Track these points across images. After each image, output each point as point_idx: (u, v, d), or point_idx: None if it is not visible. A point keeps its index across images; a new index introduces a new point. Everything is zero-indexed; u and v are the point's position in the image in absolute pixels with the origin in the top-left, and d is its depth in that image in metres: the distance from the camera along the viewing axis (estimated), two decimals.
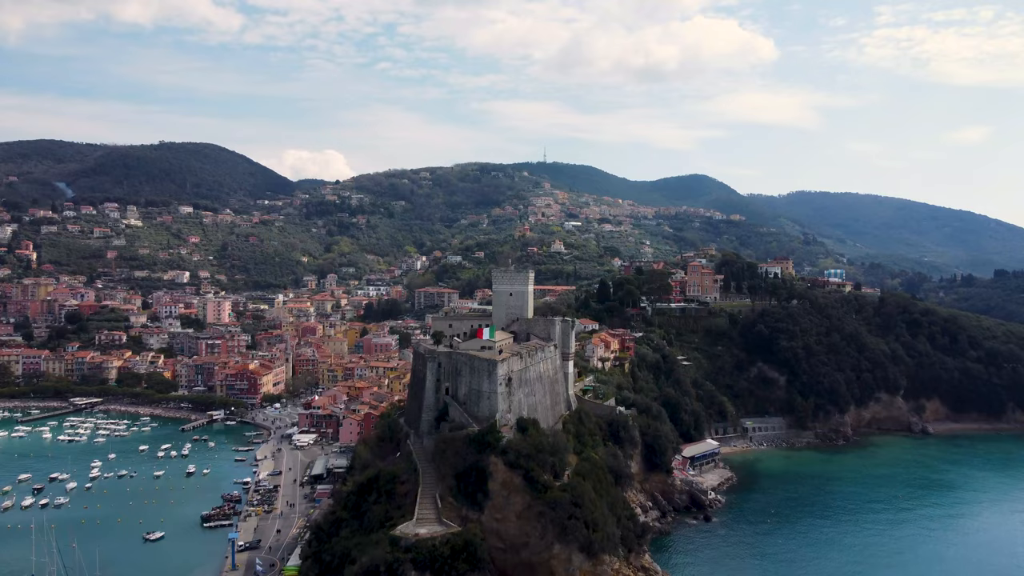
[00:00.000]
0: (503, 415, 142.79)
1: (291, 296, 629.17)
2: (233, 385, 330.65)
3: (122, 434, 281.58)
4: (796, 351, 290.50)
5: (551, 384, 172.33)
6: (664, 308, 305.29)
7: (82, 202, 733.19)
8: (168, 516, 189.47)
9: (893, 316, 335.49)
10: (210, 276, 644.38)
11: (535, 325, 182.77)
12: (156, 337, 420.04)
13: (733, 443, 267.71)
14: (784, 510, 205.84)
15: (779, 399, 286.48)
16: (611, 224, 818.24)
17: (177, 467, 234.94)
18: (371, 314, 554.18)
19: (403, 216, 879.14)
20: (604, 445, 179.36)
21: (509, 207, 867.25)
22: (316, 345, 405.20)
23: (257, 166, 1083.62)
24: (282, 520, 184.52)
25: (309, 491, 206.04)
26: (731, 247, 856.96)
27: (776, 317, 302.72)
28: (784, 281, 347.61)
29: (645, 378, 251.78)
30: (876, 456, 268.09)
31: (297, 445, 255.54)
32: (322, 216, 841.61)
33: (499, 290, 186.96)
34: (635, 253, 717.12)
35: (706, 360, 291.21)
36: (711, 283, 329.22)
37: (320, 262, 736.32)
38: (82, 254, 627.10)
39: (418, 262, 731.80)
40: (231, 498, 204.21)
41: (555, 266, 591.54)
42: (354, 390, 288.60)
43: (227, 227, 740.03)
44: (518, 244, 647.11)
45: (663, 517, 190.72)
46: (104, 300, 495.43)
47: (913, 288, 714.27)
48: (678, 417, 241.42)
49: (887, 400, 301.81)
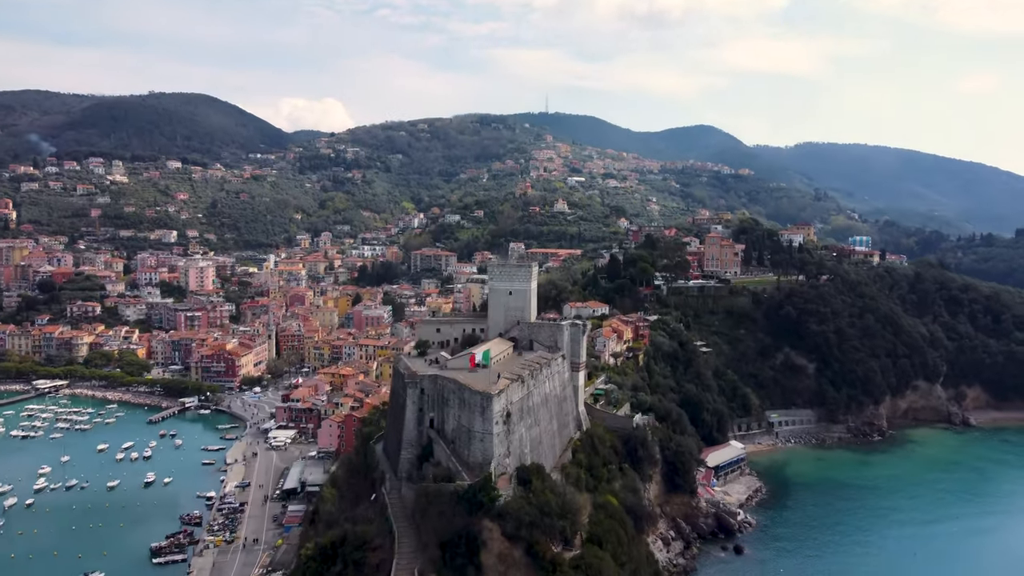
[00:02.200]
0: (500, 461, 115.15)
1: (283, 256, 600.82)
2: (209, 367, 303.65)
3: (83, 427, 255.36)
4: (827, 336, 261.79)
5: (559, 404, 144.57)
6: (680, 287, 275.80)
7: (66, 157, 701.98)
8: (114, 547, 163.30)
9: (930, 293, 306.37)
10: (199, 235, 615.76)
11: (539, 330, 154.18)
12: (133, 308, 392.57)
13: (757, 440, 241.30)
14: (822, 535, 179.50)
15: (807, 389, 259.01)
16: (615, 179, 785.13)
17: (136, 474, 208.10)
18: (365, 277, 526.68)
19: (400, 170, 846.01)
20: (620, 471, 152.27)
21: (510, 161, 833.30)
22: (303, 318, 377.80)
23: (250, 117, 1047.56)
24: (243, 556, 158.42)
25: (279, 511, 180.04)
26: (740, 204, 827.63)
27: (805, 297, 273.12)
28: (810, 252, 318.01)
29: (662, 371, 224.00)
30: (916, 455, 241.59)
31: (273, 445, 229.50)
32: (316, 171, 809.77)
33: (496, 288, 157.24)
34: (641, 211, 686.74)
35: (727, 346, 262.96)
36: (731, 256, 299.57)
37: (314, 219, 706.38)
38: (64, 213, 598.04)
39: (415, 220, 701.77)
40: (190, 520, 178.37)
41: (558, 227, 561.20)
42: (338, 379, 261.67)
43: (217, 183, 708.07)
44: (519, 203, 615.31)
45: (687, 549, 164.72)
46: (83, 265, 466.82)
47: (930, 248, 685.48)
48: (699, 418, 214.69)
49: (925, 389, 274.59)
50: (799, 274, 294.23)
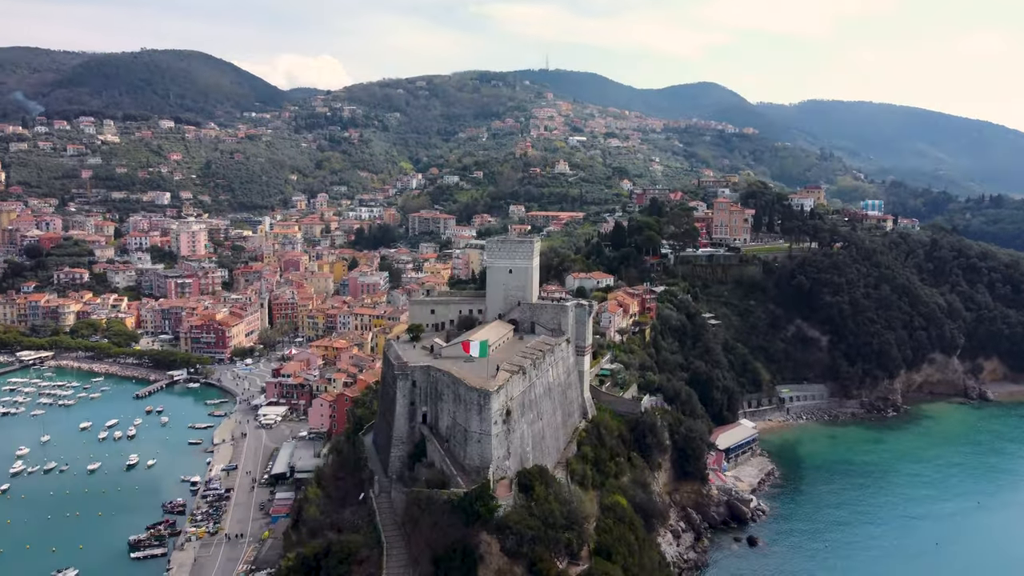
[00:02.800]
0: (499, 464, 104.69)
1: (278, 218, 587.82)
2: (199, 338, 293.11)
3: (67, 403, 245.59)
4: (842, 307, 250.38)
5: (563, 392, 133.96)
6: (689, 256, 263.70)
7: (55, 116, 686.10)
8: (90, 539, 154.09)
9: (947, 261, 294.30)
10: (192, 197, 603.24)
11: (542, 312, 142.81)
12: (122, 275, 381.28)
13: (768, 416, 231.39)
14: (838, 524, 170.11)
15: (820, 363, 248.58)
16: (618, 139, 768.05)
17: (118, 456, 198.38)
18: (362, 240, 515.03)
19: (398, 129, 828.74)
20: (628, 462, 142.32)
21: (510, 120, 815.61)
22: (297, 284, 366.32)
23: (245, 75, 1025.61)
24: (227, 549, 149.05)
25: (267, 498, 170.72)
26: (744, 164, 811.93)
27: (818, 266, 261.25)
28: (821, 218, 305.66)
29: (669, 347, 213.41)
30: (933, 433, 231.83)
31: (262, 423, 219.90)
32: (312, 130, 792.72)
33: (495, 266, 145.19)
34: (644, 172, 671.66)
35: (736, 317, 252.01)
36: (740, 223, 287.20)
37: (310, 180, 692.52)
38: (54, 174, 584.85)
39: (413, 180, 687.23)
40: (172, 508, 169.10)
41: (559, 189, 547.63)
42: (331, 352, 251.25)
43: (211, 143, 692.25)
44: (519, 163, 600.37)
45: (698, 540, 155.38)
46: (72, 229, 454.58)
47: (938, 209, 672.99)
48: (709, 396, 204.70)
49: (942, 362, 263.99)
50: (812, 241, 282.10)
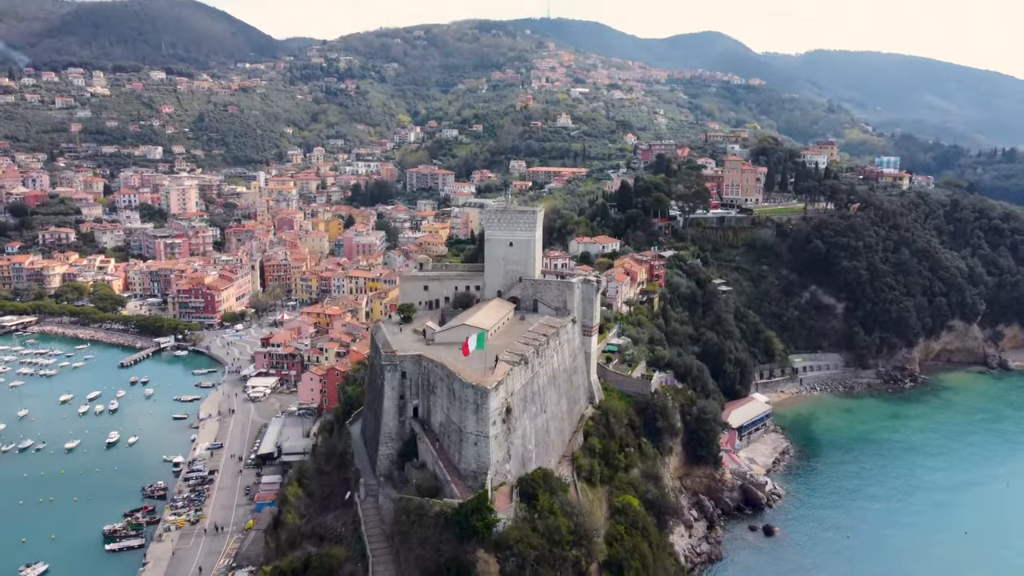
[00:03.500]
0: (498, 469, 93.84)
1: (274, 173, 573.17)
2: (187, 303, 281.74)
3: (49, 372, 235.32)
4: (859, 272, 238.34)
5: (568, 378, 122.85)
6: (699, 218, 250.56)
7: (43, 67, 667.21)
8: (64, 528, 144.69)
9: (969, 223, 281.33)
10: (185, 151, 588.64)
11: (545, 290, 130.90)
12: (110, 234, 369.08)
13: (781, 388, 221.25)
14: (858, 508, 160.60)
15: (834, 331, 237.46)
16: (621, 91, 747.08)
17: (98, 432, 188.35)
18: (358, 197, 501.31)
19: (396, 80, 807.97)
20: (639, 451, 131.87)
21: (510, 71, 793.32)
22: (291, 244, 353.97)
23: (239, 24, 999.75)
24: (208, 541, 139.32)
25: (253, 481, 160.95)
26: (751, 117, 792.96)
27: (835, 229, 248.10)
28: (837, 177, 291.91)
29: (679, 317, 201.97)
30: (953, 405, 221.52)
31: (251, 396, 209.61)
32: (308, 81, 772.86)
33: (493, 238, 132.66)
34: (648, 125, 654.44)
35: (748, 283, 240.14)
36: (753, 182, 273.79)
37: (306, 134, 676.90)
38: (42, 128, 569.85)
39: (411, 134, 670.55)
40: (153, 492, 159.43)
41: (561, 143, 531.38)
42: (323, 319, 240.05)
43: (204, 95, 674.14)
44: (519, 117, 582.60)
45: (711, 529, 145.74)
46: (60, 186, 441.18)
47: (948, 164, 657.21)
48: (720, 369, 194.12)
49: (961, 329, 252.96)
50: (828, 202, 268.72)
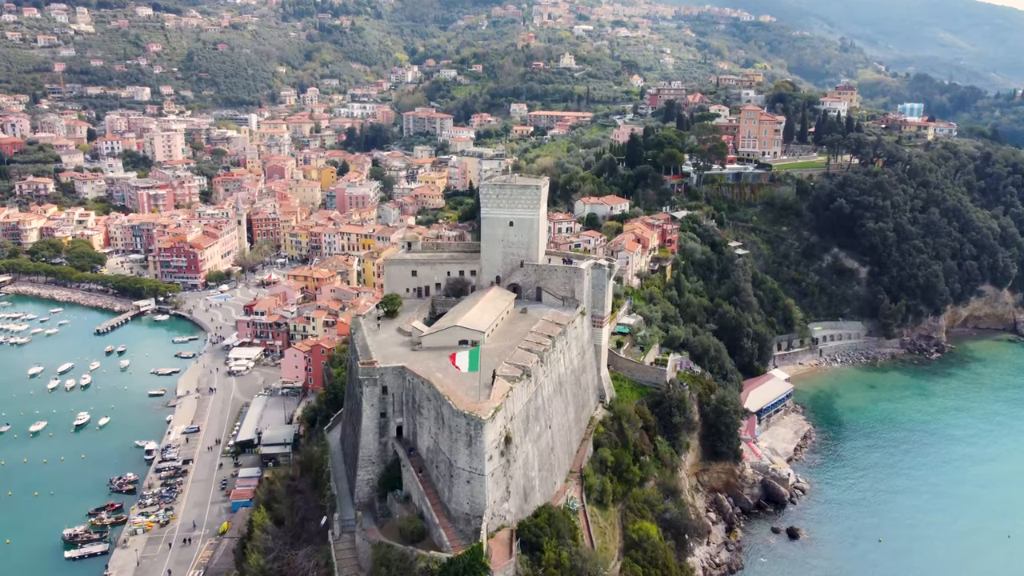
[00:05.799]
0: (495, 510, 79.50)
1: (266, 115, 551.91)
2: (169, 262, 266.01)
3: (20, 340, 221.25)
4: (886, 235, 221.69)
5: (576, 380, 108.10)
6: (714, 175, 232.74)
7: (24, 3, 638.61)
8: (21, 531, 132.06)
9: (1001, 178, 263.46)
10: (174, 92, 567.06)
11: (550, 276, 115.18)
12: (91, 184, 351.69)
13: (800, 360, 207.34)
14: (888, 504, 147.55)
15: (857, 297, 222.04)
16: (626, 28, 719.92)
17: (67, 412, 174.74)
18: (353, 142, 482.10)
19: (392, 16, 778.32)
20: (655, 456, 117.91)
21: (511, 6, 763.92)
22: (281, 195, 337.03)
23: None
24: (177, 550, 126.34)
25: (231, 473, 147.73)
26: (760, 56, 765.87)
27: (860, 187, 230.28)
28: (860, 128, 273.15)
29: (694, 287, 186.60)
30: (985, 380, 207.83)
31: (233, 369, 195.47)
32: (301, 17, 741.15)
33: (491, 217, 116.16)
34: (655, 65, 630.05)
35: (765, 245, 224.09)
36: (771, 134, 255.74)
37: (299, 73, 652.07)
38: (24, 67, 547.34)
39: (408, 74, 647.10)
40: (121, 485, 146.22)
41: (564, 86, 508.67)
42: (311, 283, 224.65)
43: (193, 32, 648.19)
44: (520, 56, 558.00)
45: (730, 532, 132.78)
46: (41, 131, 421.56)
47: (964, 106, 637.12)
48: (737, 344, 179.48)
49: (991, 294, 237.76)
50: (853, 156, 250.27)
